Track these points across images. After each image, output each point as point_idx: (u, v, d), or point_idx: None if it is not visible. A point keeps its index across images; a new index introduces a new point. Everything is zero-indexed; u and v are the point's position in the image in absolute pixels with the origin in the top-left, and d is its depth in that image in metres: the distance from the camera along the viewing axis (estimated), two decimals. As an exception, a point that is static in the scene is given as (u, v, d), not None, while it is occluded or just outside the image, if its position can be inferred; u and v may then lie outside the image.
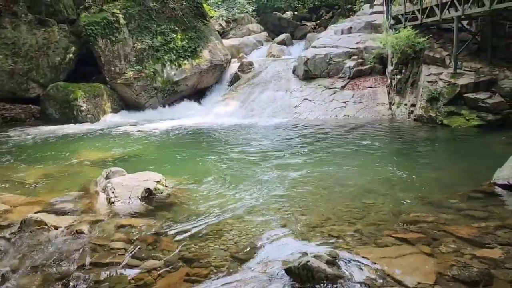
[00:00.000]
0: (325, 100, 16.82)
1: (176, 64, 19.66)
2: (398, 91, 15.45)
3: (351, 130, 13.07)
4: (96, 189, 7.18)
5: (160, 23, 19.82)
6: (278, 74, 19.96)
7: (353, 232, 5.07)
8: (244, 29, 33.34)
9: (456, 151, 10.10)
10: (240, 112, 17.64)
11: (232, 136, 13.34)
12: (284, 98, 17.77)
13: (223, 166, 9.04)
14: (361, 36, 19.67)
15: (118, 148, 11.81)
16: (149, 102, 19.00)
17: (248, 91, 19.33)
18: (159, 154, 11.13)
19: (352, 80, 17.59)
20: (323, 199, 6.48)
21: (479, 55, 13.72)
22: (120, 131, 14.98)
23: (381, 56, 17.64)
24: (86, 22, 18.15)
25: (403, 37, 14.86)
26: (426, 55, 14.34)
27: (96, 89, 18.09)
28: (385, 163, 9.00)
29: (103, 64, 18.43)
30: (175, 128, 15.13)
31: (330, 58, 18.38)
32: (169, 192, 7.00)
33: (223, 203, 6.41)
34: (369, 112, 15.64)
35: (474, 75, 12.74)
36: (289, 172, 8.21)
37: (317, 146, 10.94)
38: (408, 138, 11.62)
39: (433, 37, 15.00)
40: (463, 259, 4.21)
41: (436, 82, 13.31)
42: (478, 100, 12.16)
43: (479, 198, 6.13)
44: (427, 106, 13.23)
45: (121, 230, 5.36)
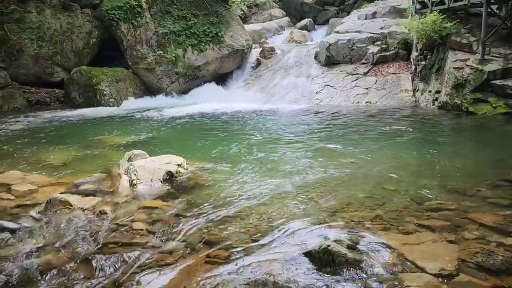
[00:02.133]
0: (347, 87, 16.62)
1: (198, 49, 19.67)
2: (423, 77, 15.14)
3: (373, 116, 12.91)
4: (118, 171, 7.27)
5: (182, 7, 19.81)
6: (300, 59, 19.78)
7: (374, 217, 5.02)
8: (265, 14, 33.07)
9: (482, 139, 9.88)
10: (261, 97, 17.59)
11: (252, 121, 13.33)
12: (305, 84, 17.63)
13: (244, 151, 9.05)
14: (385, 21, 19.30)
15: (140, 131, 11.93)
16: (171, 87, 19.10)
17: (269, 76, 19.23)
18: (180, 138, 11.22)
19: (375, 66, 17.31)
20: (344, 185, 6.43)
21: (509, 41, 13.31)
22: (142, 115, 15.13)
23: (405, 41, 17.28)
24: (108, 7, 18.26)
25: (429, 22, 14.51)
26: (453, 41, 13.98)
27: (119, 74, 18.26)
28: (408, 150, 8.87)
29: (125, 48, 18.56)
30: (196, 113, 15.19)
31: (353, 43, 18.10)
32: (190, 176, 7.04)
33: (244, 187, 6.42)
34: (392, 98, 15.40)
35: (503, 61, 12.38)
36: (309, 158, 8.17)
37: (337, 132, 10.85)
38: (432, 125, 11.40)
39: (461, 22, 14.61)
40: (488, 247, 4.13)
41: (463, 68, 12.99)
42: (506, 87, 11.84)
43: (505, 187, 5.99)
44: (452, 93, 12.94)
45: (143, 212, 5.43)
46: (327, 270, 3.77)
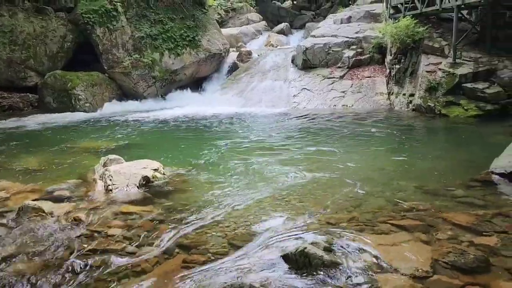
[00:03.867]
0: (324, 90, 16.78)
1: (175, 53, 19.57)
2: (397, 81, 15.41)
3: (349, 119, 13.06)
4: (93, 177, 7.16)
5: (158, 11, 19.69)
6: (277, 63, 19.88)
7: (350, 219, 5.07)
8: (243, 18, 33.15)
9: (454, 140, 10.11)
10: (238, 101, 17.60)
11: (230, 125, 13.33)
12: (283, 87, 17.72)
13: (221, 156, 9.03)
14: (360, 25, 19.58)
15: (116, 136, 11.79)
16: (147, 91, 18.93)
17: (246, 80, 19.26)
18: (157, 143, 11.12)
19: (351, 70, 17.53)
20: (321, 188, 6.48)
21: (479, 45, 13.67)
22: (118, 120, 14.95)
23: (380, 45, 17.56)
24: (83, 10, 18.02)
25: (402, 26, 14.78)
26: (425, 45, 14.28)
27: (94, 78, 18.01)
28: (383, 152, 9.01)
29: (101, 52, 18.33)
30: (173, 117, 15.10)
31: (329, 47, 18.30)
32: (167, 180, 7.00)
33: (221, 191, 6.41)
34: (367, 102, 15.62)
35: (473, 65, 12.71)
36: (287, 161, 8.22)
37: (314, 136, 10.93)
38: (407, 128, 11.61)
39: (433, 27, 14.94)
40: (460, 246, 4.22)
41: (435, 72, 13.28)
42: (476, 90, 12.15)
43: (477, 187, 6.14)
44: (425, 96, 13.21)
45: (118, 217, 5.36)
46: (303, 272, 3.80)
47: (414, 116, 13.09)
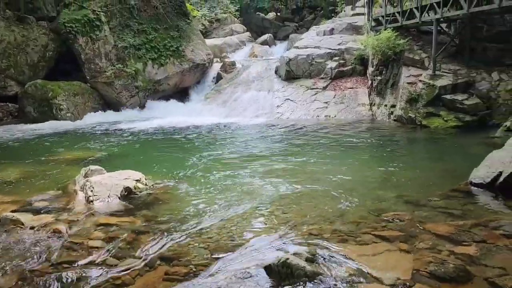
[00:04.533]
0: (307, 101, 16.91)
1: (158, 63, 19.53)
2: (379, 92, 15.63)
3: (332, 130, 13.17)
4: (74, 188, 7.06)
5: (142, 21, 19.66)
6: (261, 74, 19.99)
7: (332, 230, 5.09)
8: (227, 29, 33.30)
9: (435, 151, 10.26)
10: (222, 111, 17.61)
11: (213, 135, 13.31)
12: (266, 98, 17.80)
13: (204, 166, 9.01)
14: (342, 37, 19.83)
15: (98, 147, 11.66)
16: (130, 101, 18.82)
17: (230, 90, 19.30)
18: (139, 153, 11.03)
19: (334, 81, 17.72)
20: (304, 198, 6.51)
21: (457, 58, 13.97)
22: (100, 130, 14.81)
23: (362, 57, 17.81)
24: (66, 20, 17.87)
25: (383, 38, 15.03)
26: (406, 57, 14.54)
27: (76, 88, 17.85)
28: (365, 162, 9.10)
29: (84, 62, 18.18)
30: (156, 128, 15.01)
31: (312, 59, 18.48)
32: (149, 191, 6.94)
33: (203, 202, 6.39)
34: (350, 112, 15.78)
35: (452, 77, 12.97)
36: (270, 172, 8.24)
37: (298, 146, 10.99)
38: (388, 139, 11.75)
39: (413, 39, 15.22)
40: (440, 256, 4.27)
41: (416, 83, 13.51)
42: (456, 102, 12.38)
43: (456, 197, 6.23)
44: (406, 107, 13.41)
45: (99, 229, 5.29)
46: (286, 283, 3.79)
47: (395, 127, 13.27)
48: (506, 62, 12.99)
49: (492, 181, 6.31)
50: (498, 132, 10.84)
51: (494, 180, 6.29)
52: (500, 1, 10.52)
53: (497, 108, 12.10)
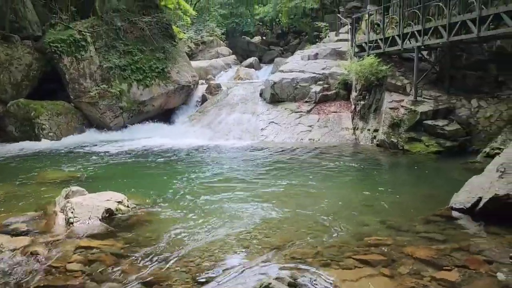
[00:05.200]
0: (291, 124, 17.03)
1: (143, 84, 19.53)
2: (362, 116, 15.84)
3: (316, 153, 13.25)
4: (54, 209, 6.94)
5: (128, 42, 19.72)
6: (246, 96, 20.12)
7: (315, 254, 5.09)
8: (212, 51, 33.63)
9: (416, 176, 10.38)
10: (206, 133, 17.60)
11: (197, 157, 13.27)
12: (251, 120, 17.88)
13: (187, 189, 8.95)
14: (326, 62, 20.15)
15: (80, 167, 11.52)
16: (114, 122, 18.70)
17: (215, 112, 19.36)
18: (122, 175, 10.92)
19: (318, 105, 17.92)
20: (287, 222, 6.50)
21: (438, 84, 14.30)
22: (82, 150, 14.65)
23: (345, 82, 18.08)
24: (51, 39, 17.81)
25: (366, 64, 15.32)
26: (388, 83, 14.82)
27: (59, 107, 17.70)
28: (348, 186, 9.16)
29: (68, 82, 18.08)
30: (139, 149, 14.91)
31: (297, 82, 18.71)
32: (131, 213, 6.86)
33: (186, 226, 6.33)
34: (333, 136, 15.93)
35: (433, 103, 13.24)
36: (253, 195, 8.22)
37: (281, 169, 11.01)
38: (371, 163, 11.87)
39: (395, 66, 15.55)
40: (422, 282, 4.30)
41: (398, 108, 13.74)
42: (437, 127, 12.61)
43: (437, 222, 6.30)
44: (389, 132, 13.61)
45: (78, 252, 5.19)
46: (268, 308, 3.76)
47: (378, 151, 13.42)
48: (485, 90, 13.33)
49: (472, 206, 6.41)
50: (478, 158, 11.05)
51: (474, 205, 6.38)
52: (478, 31, 10.86)
53: (477, 134, 12.36)
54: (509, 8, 9.93)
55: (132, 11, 20.25)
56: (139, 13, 20.40)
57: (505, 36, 11.47)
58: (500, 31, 10.65)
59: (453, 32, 11.78)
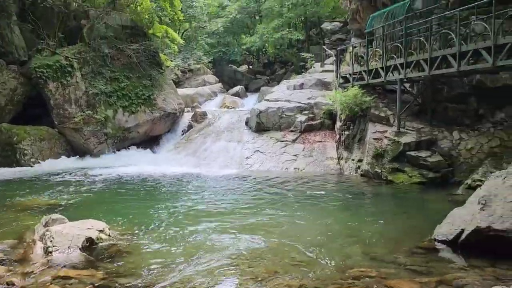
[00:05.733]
0: (277, 153, 17.09)
1: (129, 111, 19.51)
2: (346, 146, 15.99)
3: (300, 183, 13.27)
4: (33, 238, 6.78)
5: (115, 69, 19.79)
6: (231, 125, 20.21)
7: (299, 285, 5.04)
8: (199, 79, 33.90)
9: (400, 206, 10.44)
10: (191, 161, 17.54)
11: (182, 186, 13.17)
12: (236, 149, 17.90)
13: (171, 217, 8.85)
14: (312, 92, 20.44)
15: (62, 194, 11.32)
16: (98, 148, 18.55)
17: (200, 140, 19.36)
18: (104, 202, 10.75)
19: (303, 134, 18.05)
20: (271, 252, 6.45)
21: (420, 116, 14.56)
22: (64, 177, 14.44)
23: (330, 112, 18.32)
24: (37, 65, 17.78)
25: (351, 95, 15.57)
26: (372, 114, 15.05)
27: (43, 133, 17.52)
28: (332, 217, 9.15)
29: (52, 107, 17.97)
30: (123, 176, 14.75)
31: (282, 111, 18.88)
32: (112, 242, 6.73)
33: (168, 256, 6.23)
34: (318, 166, 16.00)
35: (416, 134, 13.46)
36: (237, 224, 8.16)
37: (266, 198, 10.98)
38: (355, 193, 11.91)
39: (379, 97, 15.83)
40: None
41: (381, 139, 13.92)
42: (419, 158, 12.78)
43: (421, 254, 6.31)
44: (373, 162, 13.73)
45: (56, 282, 5.05)
46: None
47: (362, 181, 13.49)
48: (466, 122, 13.61)
49: (455, 238, 6.46)
50: (460, 190, 11.19)
51: (457, 237, 6.43)
52: (458, 66, 11.18)
53: (459, 166, 12.54)
54: (487, 45, 10.27)
55: (120, 38, 20.40)
56: (126, 40, 20.56)
57: (484, 71, 11.83)
58: (479, 66, 10.99)
59: (434, 66, 12.11)
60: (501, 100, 12.92)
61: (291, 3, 31.86)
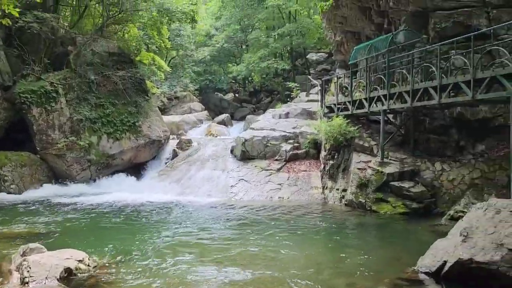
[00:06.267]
0: (261, 182, 17.06)
1: (113, 137, 19.39)
2: (331, 176, 16.06)
3: (285, 212, 13.22)
4: (10, 268, 6.60)
5: (100, 95, 19.75)
6: (216, 153, 20.20)
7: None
8: (185, 107, 34.03)
9: (384, 237, 10.45)
10: (175, 189, 17.40)
11: (165, 214, 13.01)
12: (221, 177, 17.84)
13: (153, 248, 8.69)
14: (297, 121, 20.63)
15: (42, 222, 11.09)
16: (81, 175, 18.30)
17: (185, 168, 19.27)
18: (85, 231, 10.55)
19: (288, 163, 18.11)
20: (254, 284, 6.36)
21: (403, 146, 14.77)
22: (45, 204, 14.17)
23: (315, 141, 18.46)
24: (21, 90, 17.67)
25: (335, 125, 15.75)
26: (356, 143, 15.21)
27: (24, 159, 17.27)
28: (316, 247, 9.10)
29: (35, 133, 17.79)
30: (105, 203, 14.53)
31: (268, 140, 18.97)
32: (91, 273, 6.57)
33: (149, 287, 6.10)
34: (303, 195, 16.00)
35: (399, 164, 13.60)
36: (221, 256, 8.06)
37: (250, 228, 10.89)
38: (339, 223, 11.90)
39: (363, 127, 16.05)
40: None
41: (365, 169, 14.03)
42: (403, 189, 12.88)
43: (404, 285, 6.30)
44: (357, 192, 13.79)
45: (32, 316, 4.89)
46: None
47: (346, 211, 13.50)
48: (447, 154, 13.84)
49: (437, 270, 6.47)
50: (443, 220, 11.26)
51: (440, 269, 6.44)
52: (439, 98, 11.44)
53: (441, 196, 12.67)
54: (466, 79, 10.56)
55: (106, 65, 20.45)
56: (113, 67, 20.61)
57: (464, 104, 12.11)
58: (459, 99, 11.26)
59: (416, 98, 12.38)
60: (481, 132, 13.20)
61: (277, 34, 32.50)
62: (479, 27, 12.42)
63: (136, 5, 21.03)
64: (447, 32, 13.20)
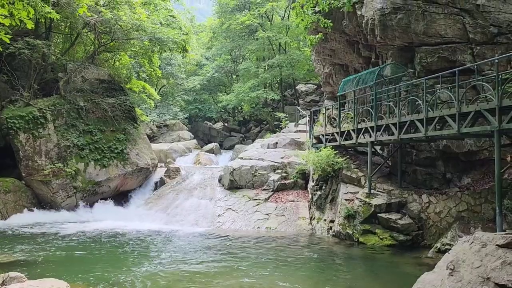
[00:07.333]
0: (249, 211, 16.96)
1: (101, 164, 19.25)
2: (319, 206, 16.04)
3: (271, 243, 13.10)
4: (-13, 298, 6.40)
5: (89, 122, 19.71)
6: (204, 182, 20.12)
7: None
8: (174, 135, 34.06)
9: (371, 270, 10.37)
10: (162, 217, 17.22)
11: (150, 243, 12.81)
12: (208, 206, 17.71)
13: (136, 280, 8.52)
14: (285, 151, 20.72)
15: (24, 250, 10.84)
16: (66, 202, 18.04)
17: (172, 197, 19.12)
18: (68, 259, 10.32)
19: (276, 193, 18.08)
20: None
21: (391, 178, 14.86)
22: (28, 231, 13.88)
23: (303, 171, 18.51)
24: (9, 115, 17.57)
25: (323, 156, 15.84)
26: (344, 174, 15.28)
27: (9, 184, 17.00)
28: (302, 280, 9.00)
29: (21, 158, 17.59)
30: (90, 231, 14.29)
31: (256, 170, 18.97)
32: (72, 304, 6.40)
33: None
34: (290, 225, 15.91)
35: (387, 196, 13.65)
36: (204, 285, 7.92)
37: (236, 260, 10.75)
38: (326, 255, 11.81)
39: (351, 158, 16.17)
40: None
41: (353, 200, 14.05)
42: (390, 220, 12.89)
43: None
44: (344, 223, 13.76)
45: None
46: None
47: (334, 243, 13.43)
48: (434, 186, 13.95)
49: (424, 304, 6.40)
50: (430, 253, 11.25)
51: (427, 303, 6.38)
52: (425, 131, 11.61)
53: (428, 229, 12.69)
54: (452, 112, 10.76)
55: (96, 92, 20.50)
56: (103, 94, 20.66)
57: (450, 137, 12.30)
58: (445, 133, 11.44)
59: (403, 130, 12.56)
60: (467, 165, 13.37)
61: (267, 65, 33.00)
62: (463, 62, 12.76)
63: (128, 34, 21.25)
64: (432, 66, 13.53)
